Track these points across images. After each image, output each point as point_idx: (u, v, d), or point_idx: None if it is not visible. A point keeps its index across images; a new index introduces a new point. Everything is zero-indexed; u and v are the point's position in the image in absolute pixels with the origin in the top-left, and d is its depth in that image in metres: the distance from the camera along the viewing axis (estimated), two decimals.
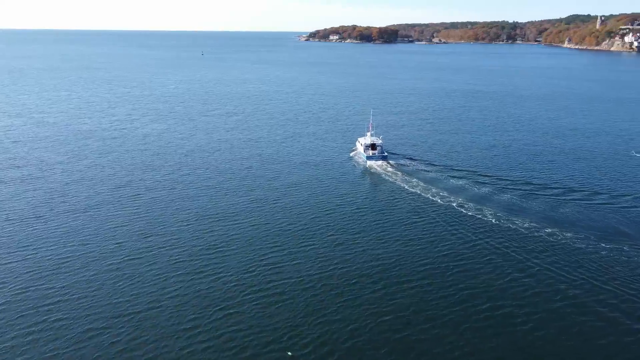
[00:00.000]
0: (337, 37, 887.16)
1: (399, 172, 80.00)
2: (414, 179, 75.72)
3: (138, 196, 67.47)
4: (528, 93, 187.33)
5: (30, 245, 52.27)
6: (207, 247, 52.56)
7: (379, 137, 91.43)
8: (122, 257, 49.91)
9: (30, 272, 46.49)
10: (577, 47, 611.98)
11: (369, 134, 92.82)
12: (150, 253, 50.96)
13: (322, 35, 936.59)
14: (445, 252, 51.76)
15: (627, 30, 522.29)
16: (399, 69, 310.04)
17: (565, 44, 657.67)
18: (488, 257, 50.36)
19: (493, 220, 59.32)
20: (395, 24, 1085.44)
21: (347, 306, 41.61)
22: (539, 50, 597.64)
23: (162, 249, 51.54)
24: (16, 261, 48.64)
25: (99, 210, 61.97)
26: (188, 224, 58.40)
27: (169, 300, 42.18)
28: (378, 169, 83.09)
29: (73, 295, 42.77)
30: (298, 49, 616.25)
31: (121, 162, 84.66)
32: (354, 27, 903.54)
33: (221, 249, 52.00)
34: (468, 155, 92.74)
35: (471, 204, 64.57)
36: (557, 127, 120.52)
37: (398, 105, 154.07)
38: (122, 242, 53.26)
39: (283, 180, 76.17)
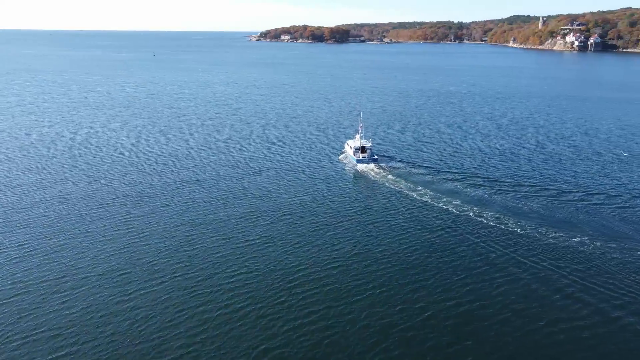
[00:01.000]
0: (289, 37, 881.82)
1: (390, 175, 77.77)
2: (408, 182, 73.67)
3: (125, 211, 60.69)
4: (501, 92, 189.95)
5: None
6: (189, 258, 49.57)
7: (368, 140, 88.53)
8: (95, 277, 44.72)
9: None
10: (521, 46, 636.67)
11: (357, 136, 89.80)
12: (134, 261, 46.02)
13: (273, 35, 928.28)
14: (440, 255, 50.90)
15: (568, 30, 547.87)
16: (363, 69, 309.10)
17: (511, 44, 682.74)
18: (489, 260, 49.21)
19: (490, 223, 58.67)
20: (344, 23, 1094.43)
21: (344, 312, 40.60)
22: (488, 50, 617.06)
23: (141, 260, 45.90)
24: None
25: (76, 229, 54.94)
26: (172, 234, 55.04)
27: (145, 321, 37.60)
28: (369, 172, 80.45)
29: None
30: (251, 49, 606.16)
31: (96, 176, 76.66)
32: (305, 27, 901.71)
33: (209, 260, 48.31)
34: (457, 157, 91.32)
35: (466, 206, 64.33)
36: (537, 126, 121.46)
37: (375, 106, 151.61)
38: (96, 260, 48.59)
39: (272, 188, 72.49)
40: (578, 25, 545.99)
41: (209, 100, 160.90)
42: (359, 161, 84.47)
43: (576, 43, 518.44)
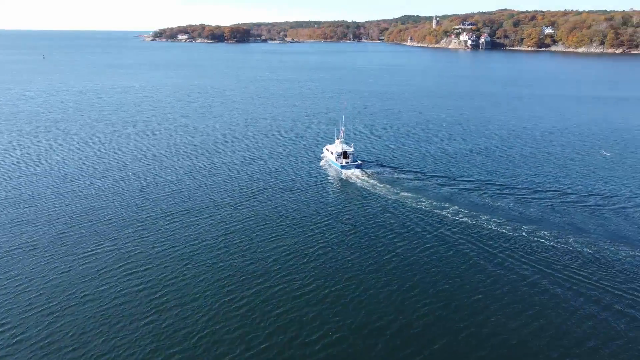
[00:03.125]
0: (187, 37, 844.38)
1: (376, 181, 75.18)
2: (395, 188, 71.53)
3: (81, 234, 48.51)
4: (439, 92, 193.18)
5: None
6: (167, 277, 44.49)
7: (350, 145, 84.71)
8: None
9: None
10: (419, 44, 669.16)
11: (338, 141, 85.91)
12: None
13: (169, 35, 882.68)
14: (434, 257, 50.80)
15: (461, 29, 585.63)
16: (286, 70, 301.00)
17: (408, 42, 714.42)
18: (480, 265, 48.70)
19: (486, 224, 58.60)
20: (240, 23, 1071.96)
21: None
22: (391, 48, 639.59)
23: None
24: None
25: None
26: (139, 251, 45.90)
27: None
28: (355, 178, 77.30)
29: None
30: (149, 50, 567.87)
31: (57, 214, 61.85)
32: (203, 26, 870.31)
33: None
34: (436, 160, 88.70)
35: (459, 210, 62.95)
36: (504, 127, 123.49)
37: (330, 110, 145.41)
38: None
39: (252, 202, 66.96)
40: (469, 25, 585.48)
41: (141, 110, 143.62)
42: (343, 167, 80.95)
43: (469, 42, 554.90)
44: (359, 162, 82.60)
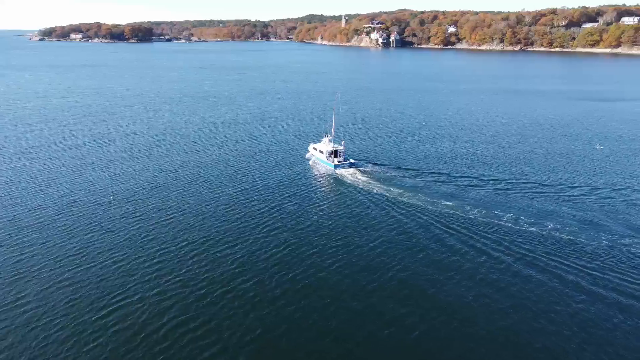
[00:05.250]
0: (81, 36, 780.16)
1: (372, 180, 73.07)
2: (395, 187, 69.55)
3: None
4: (383, 87, 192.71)
5: None
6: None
7: (340, 143, 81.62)
8: None
9: None
10: (330, 43, 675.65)
11: (326, 139, 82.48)
12: None
13: (60, 34, 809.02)
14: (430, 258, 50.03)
15: (371, 28, 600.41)
16: (211, 69, 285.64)
17: (319, 41, 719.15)
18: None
19: (470, 216, 59.26)
20: (138, 21, 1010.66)
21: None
22: (303, 47, 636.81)
23: None
24: None
25: None
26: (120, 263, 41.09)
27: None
28: (350, 177, 74.49)
29: None
30: (41, 50, 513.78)
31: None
32: (99, 24, 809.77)
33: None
34: (430, 158, 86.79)
35: (448, 204, 63.21)
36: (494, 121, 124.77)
37: (280, 109, 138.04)
38: None
39: (251, 204, 64.11)
40: (378, 23, 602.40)
41: (76, 117, 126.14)
42: (337, 167, 77.76)
43: (380, 40, 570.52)
44: (352, 160, 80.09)
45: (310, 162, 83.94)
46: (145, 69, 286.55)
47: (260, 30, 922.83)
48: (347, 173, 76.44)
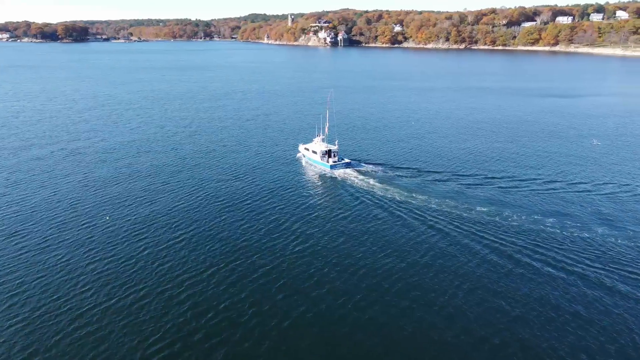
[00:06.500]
0: (8, 36, 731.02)
1: (369, 179, 71.47)
2: (392, 187, 68.07)
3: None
4: (352, 86, 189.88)
5: None
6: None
7: (333, 143, 79.38)
8: None
9: None
10: (276, 42, 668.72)
11: (319, 138, 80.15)
12: None
13: None
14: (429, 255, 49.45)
15: (318, 27, 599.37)
16: (164, 70, 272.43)
17: (265, 40, 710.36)
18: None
19: (469, 215, 58.11)
20: (71, 20, 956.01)
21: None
22: (249, 46, 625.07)
23: None
24: None
25: None
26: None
27: None
28: (347, 178, 72.61)
29: None
30: None
31: None
32: (28, 23, 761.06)
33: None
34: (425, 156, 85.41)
35: (446, 203, 62.66)
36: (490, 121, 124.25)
37: (253, 108, 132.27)
38: None
39: (245, 207, 61.92)
40: (325, 22, 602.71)
41: (30, 122, 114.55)
42: (332, 167, 75.69)
43: (328, 39, 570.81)
44: (347, 160, 78.14)
45: (304, 163, 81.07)
46: (91, 70, 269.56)
47: (203, 30, 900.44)
48: (344, 173, 74.19)
